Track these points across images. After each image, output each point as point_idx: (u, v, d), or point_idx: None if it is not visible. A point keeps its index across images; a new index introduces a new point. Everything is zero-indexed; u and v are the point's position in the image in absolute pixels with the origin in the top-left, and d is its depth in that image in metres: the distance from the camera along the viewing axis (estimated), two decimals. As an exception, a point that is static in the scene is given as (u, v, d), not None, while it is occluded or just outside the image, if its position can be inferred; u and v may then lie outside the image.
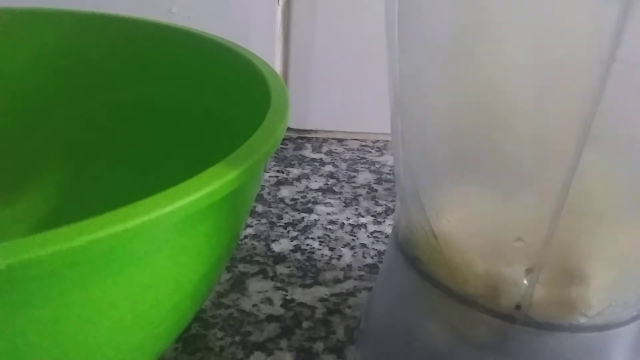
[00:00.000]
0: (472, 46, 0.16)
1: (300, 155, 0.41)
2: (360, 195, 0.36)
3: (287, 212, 0.33)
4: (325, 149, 0.42)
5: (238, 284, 0.27)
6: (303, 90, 0.43)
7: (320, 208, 0.34)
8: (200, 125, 0.27)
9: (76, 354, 0.14)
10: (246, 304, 0.26)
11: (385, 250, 0.30)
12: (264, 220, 0.32)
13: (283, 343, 0.24)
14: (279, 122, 0.18)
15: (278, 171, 0.38)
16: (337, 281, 0.28)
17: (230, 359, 0.23)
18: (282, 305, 0.26)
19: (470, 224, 0.17)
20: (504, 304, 0.17)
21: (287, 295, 0.27)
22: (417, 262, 0.19)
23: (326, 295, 0.27)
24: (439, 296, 0.18)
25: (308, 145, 0.43)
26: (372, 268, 0.29)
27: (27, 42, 0.28)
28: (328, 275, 0.28)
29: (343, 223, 0.33)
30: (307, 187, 0.36)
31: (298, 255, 0.30)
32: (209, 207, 0.14)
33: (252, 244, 0.30)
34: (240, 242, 0.30)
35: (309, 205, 0.34)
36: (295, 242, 0.31)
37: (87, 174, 0.29)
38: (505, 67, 0.15)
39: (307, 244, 0.30)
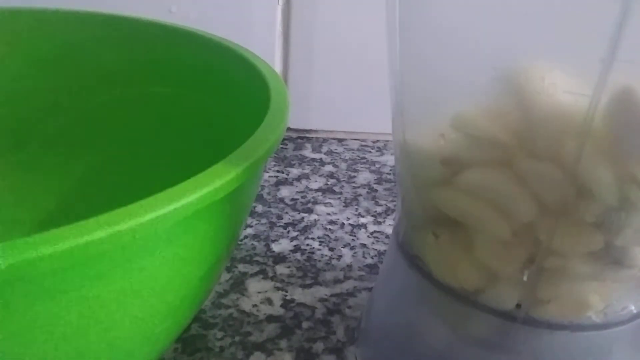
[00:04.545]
0: (475, 45, 0.16)
1: (300, 155, 0.41)
2: (360, 195, 0.36)
3: (287, 212, 0.33)
4: (325, 149, 0.42)
5: (238, 284, 0.27)
6: (303, 90, 0.43)
7: (320, 208, 0.34)
8: (200, 125, 0.27)
9: (76, 354, 0.14)
10: (246, 304, 0.26)
11: (385, 251, 0.30)
12: (264, 220, 0.32)
13: (283, 343, 0.24)
14: (279, 122, 0.18)
15: (278, 171, 0.38)
16: (337, 281, 0.28)
17: (230, 359, 0.23)
18: (282, 306, 0.26)
19: (470, 221, 0.17)
20: (505, 302, 0.17)
21: (287, 295, 0.27)
22: (418, 261, 0.19)
23: (326, 295, 0.27)
24: (440, 295, 0.18)
25: (308, 145, 0.43)
26: (372, 268, 0.29)
27: (27, 42, 0.28)
28: (328, 276, 0.28)
29: (343, 223, 0.33)
30: (307, 187, 0.36)
31: (298, 255, 0.30)
32: (209, 206, 0.14)
33: (252, 244, 0.30)
34: (240, 242, 0.30)
35: (309, 205, 0.34)
36: (295, 242, 0.31)
37: (87, 173, 0.29)
38: (510, 64, 0.15)
39: (307, 244, 0.30)
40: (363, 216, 0.34)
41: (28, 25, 0.28)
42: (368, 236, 0.32)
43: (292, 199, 0.35)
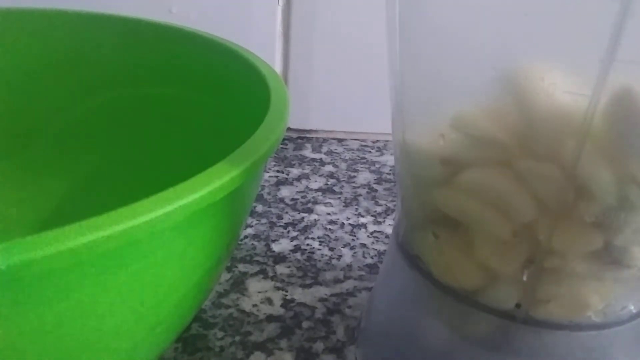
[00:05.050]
0: (474, 45, 0.16)
1: (300, 155, 0.41)
2: (360, 195, 0.36)
3: (287, 212, 0.33)
4: (325, 149, 0.42)
5: (238, 284, 0.27)
6: (303, 90, 0.43)
7: (320, 208, 0.34)
8: (200, 125, 0.27)
9: (76, 354, 0.14)
10: (246, 304, 0.26)
11: (385, 250, 0.30)
12: (264, 220, 0.32)
13: (283, 343, 0.24)
14: (279, 122, 0.18)
15: (278, 171, 0.38)
16: (337, 281, 0.28)
17: (230, 359, 0.23)
18: (282, 305, 0.26)
19: (470, 221, 0.17)
20: (504, 302, 0.17)
21: (287, 295, 0.27)
22: (418, 261, 0.19)
23: (326, 295, 0.27)
24: (440, 295, 0.18)
25: (308, 145, 0.43)
26: (372, 268, 0.29)
27: (27, 42, 0.28)
28: (328, 275, 0.28)
29: (343, 223, 0.33)
30: (307, 187, 0.37)
31: (298, 255, 0.30)
32: (209, 207, 0.14)
33: (252, 244, 0.30)
34: (240, 242, 0.30)
35: (309, 205, 0.34)
36: (295, 242, 0.31)
37: (87, 174, 0.29)
38: (511, 63, 0.16)
39: (307, 244, 0.30)
40: (363, 216, 0.34)
41: (29, 26, 0.28)
42: (368, 236, 0.32)
43: (292, 199, 0.35)
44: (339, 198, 0.35)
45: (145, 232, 0.13)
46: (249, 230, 0.31)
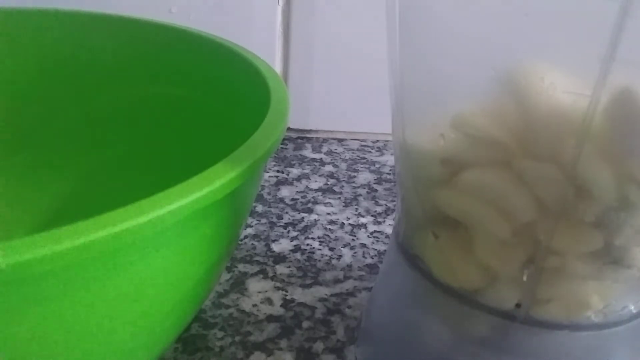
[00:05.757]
0: (475, 45, 0.16)
1: (300, 155, 0.41)
2: (360, 195, 0.36)
3: (287, 212, 0.33)
4: (325, 149, 0.42)
5: (238, 284, 0.27)
6: (303, 90, 0.43)
7: (320, 208, 0.34)
8: (200, 125, 0.27)
9: (76, 354, 0.14)
10: (246, 304, 0.26)
11: (385, 250, 0.30)
12: (264, 220, 0.32)
13: (283, 343, 0.24)
14: (279, 122, 0.18)
15: (278, 171, 0.38)
16: (337, 281, 0.28)
17: (230, 359, 0.23)
18: (282, 305, 0.26)
19: (470, 221, 0.17)
20: (505, 302, 0.17)
21: (287, 295, 0.27)
22: (418, 261, 0.19)
23: (326, 295, 0.27)
24: (440, 295, 0.18)
25: (308, 145, 0.43)
26: (372, 268, 0.29)
27: (27, 43, 0.28)
28: (328, 275, 0.28)
29: (343, 223, 0.33)
30: (307, 187, 0.37)
31: (298, 255, 0.30)
32: (210, 206, 0.14)
33: (252, 244, 0.30)
34: (240, 242, 0.30)
35: (309, 205, 0.34)
36: (295, 242, 0.31)
37: (87, 174, 0.29)
38: (512, 63, 0.16)
39: (307, 244, 0.30)
40: (363, 216, 0.34)
41: (28, 26, 0.28)
42: (368, 236, 0.32)
43: (292, 199, 0.35)
44: (339, 198, 0.35)
45: (146, 232, 0.13)
46: (249, 230, 0.31)
